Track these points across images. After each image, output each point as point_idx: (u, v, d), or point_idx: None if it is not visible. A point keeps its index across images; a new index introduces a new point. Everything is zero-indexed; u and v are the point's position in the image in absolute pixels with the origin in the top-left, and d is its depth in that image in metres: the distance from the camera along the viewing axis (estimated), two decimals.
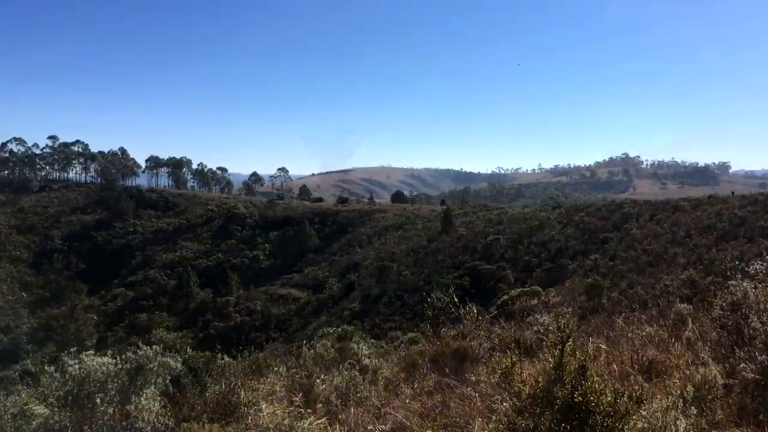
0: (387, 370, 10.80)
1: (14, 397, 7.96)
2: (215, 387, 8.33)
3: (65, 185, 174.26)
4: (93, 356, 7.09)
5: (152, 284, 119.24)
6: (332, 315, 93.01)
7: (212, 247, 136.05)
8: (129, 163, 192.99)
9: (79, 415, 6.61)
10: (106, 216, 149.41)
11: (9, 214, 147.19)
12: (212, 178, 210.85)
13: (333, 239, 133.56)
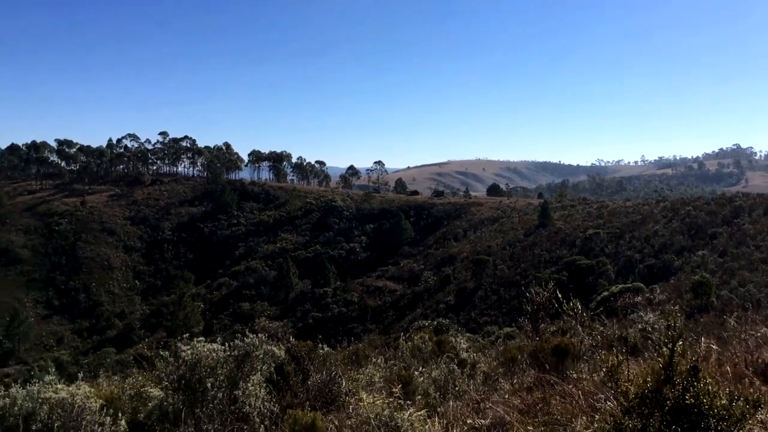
0: (485, 365, 10.75)
1: (131, 379, 8.46)
2: (317, 376, 8.54)
3: (174, 179, 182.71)
4: (204, 342, 7.43)
5: (254, 274, 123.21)
6: (427, 308, 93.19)
7: (311, 239, 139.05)
8: (233, 157, 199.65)
9: (191, 398, 6.95)
10: (212, 208, 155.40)
11: (124, 206, 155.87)
12: (311, 172, 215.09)
13: (428, 232, 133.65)
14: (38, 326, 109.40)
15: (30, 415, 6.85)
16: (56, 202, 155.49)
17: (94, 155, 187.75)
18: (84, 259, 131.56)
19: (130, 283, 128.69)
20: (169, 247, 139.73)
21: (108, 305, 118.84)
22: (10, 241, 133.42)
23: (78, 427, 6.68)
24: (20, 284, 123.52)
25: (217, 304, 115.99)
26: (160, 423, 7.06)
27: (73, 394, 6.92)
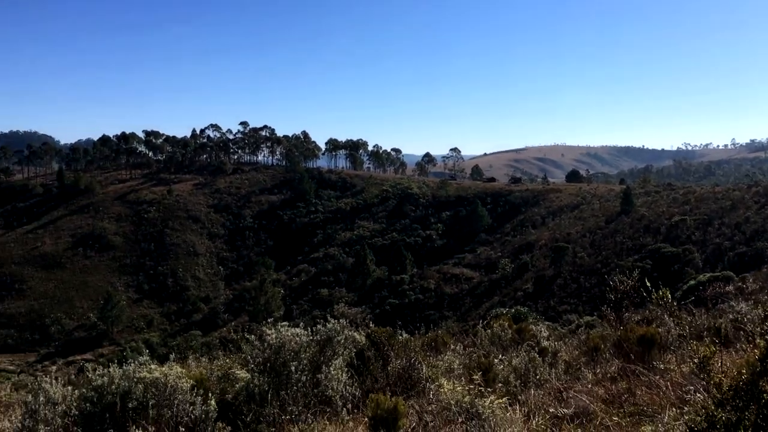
0: (566, 354, 10.59)
1: (219, 361, 8.77)
2: (397, 361, 8.62)
3: (255, 167, 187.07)
4: (287, 327, 7.62)
5: (332, 261, 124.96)
6: (505, 295, 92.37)
7: (387, 227, 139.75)
8: (310, 146, 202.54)
9: (276, 381, 7.16)
10: (291, 196, 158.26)
11: (207, 195, 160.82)
12: (387, 159, 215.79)
13: (505, 219, 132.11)
14: (130, 309, 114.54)
15: (126, 394, 7.20)
16: (145, 191, 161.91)
17: (179, 145, 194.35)
18: (171, 246, 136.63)
19: (214, 269, 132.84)
20: (250, 234, 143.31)
21: (194, 290, 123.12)
22: (104, 228, 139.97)
23: (171, 405, 6.98)
24: (113, 269, 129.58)
25: (296, 289, 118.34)
26: (247, 404, 7.29)
27: (165, 374, 7.23)
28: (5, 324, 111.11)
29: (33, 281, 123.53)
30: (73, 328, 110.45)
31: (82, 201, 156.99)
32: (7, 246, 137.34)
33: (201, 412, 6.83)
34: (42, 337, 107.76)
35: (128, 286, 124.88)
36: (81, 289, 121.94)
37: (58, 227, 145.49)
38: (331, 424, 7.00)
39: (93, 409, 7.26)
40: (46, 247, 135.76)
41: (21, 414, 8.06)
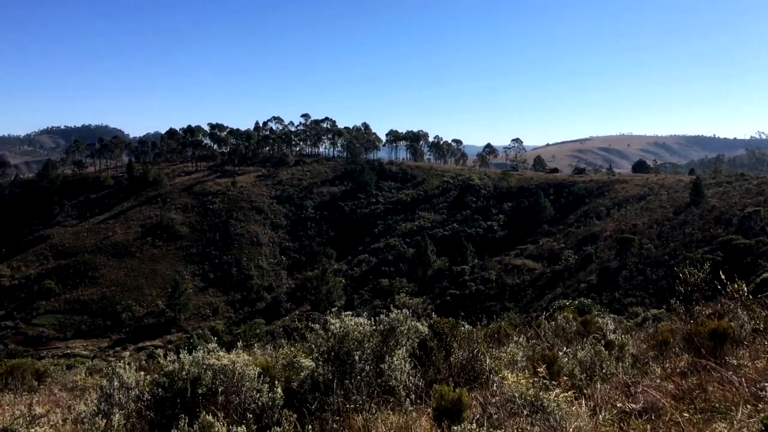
0: (633, 347, 10.37)
1: (283, 349, 8.93)
2: (460, 352, 8.61)
3: (316, 159, 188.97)
4: (351, 316, 7.70)
5: (393, 251, 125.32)
6: (567, 287, 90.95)
7: (448, 217, 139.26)
8: (371, 137, 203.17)
9: (340, 370, 7.25)
10: (352, 187, 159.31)
11: (270, 186, 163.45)
12: (447, 150, 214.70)
13: (569, 210, 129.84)
14: (196, 297, 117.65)
15: (196, 380, 7.41)
16: (210, 183, 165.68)
17: (243, 138, 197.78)
18: (235, 236, 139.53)
19: (277, 259, 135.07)
20: (312, 225, 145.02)
21: (257, 279, 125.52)
22: (171, 219, 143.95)
23: (239, 392, 7.15)
24: (180, 258, 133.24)
25: (357, 279, 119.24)
26: (312, 392, 7.40)
27: (233, 361, 7.40)
28: (79, 310, 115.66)
29: (105, 269, 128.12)
30: (143, 315, 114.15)
31: (151, 192, 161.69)
32: (81, 235, 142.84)
33: (268, 399, 6.98)
34: (114, 323, 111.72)
35: (194, 274, 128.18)
36: (150, 277, 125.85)
37: (128, 218, 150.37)
38: (394, 414, 7.04)
39: (165, 394, 7.50)
40: (117, 236, 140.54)
41: (97, 397, 8.37)
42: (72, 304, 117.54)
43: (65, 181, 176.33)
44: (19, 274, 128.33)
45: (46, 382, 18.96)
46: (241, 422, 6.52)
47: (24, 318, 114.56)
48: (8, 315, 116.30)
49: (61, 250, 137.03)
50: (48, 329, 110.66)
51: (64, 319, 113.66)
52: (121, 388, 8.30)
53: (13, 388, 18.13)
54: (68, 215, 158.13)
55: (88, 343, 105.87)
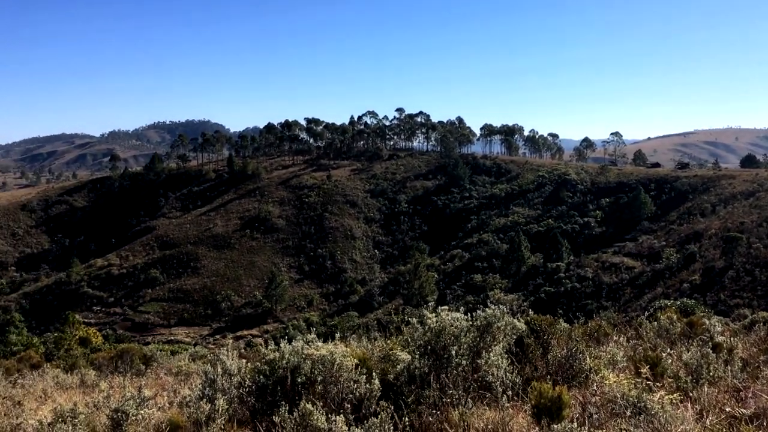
0: (743, 351, 9.88)
1: (379, 342, 9.05)
2: (558, 350, 8.46)
3: (410, 153, 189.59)
4: (447, 311, 7.71)
5: (486, 247, 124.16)
6: (669, 287, 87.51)
7: (543, 213, 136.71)
8: (465, 131, 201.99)
9: (436, 364, 7.27)
10: (445, 182, 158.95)
11: (364, 180, 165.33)
12: (543, 144, 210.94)
13: (670, 207, 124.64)
14: (291, 289, 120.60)
15: (296, 369, 7.62)
16: (306, 176, 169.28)
17: (338, 132, 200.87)
18: (330, 229, 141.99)
19: (370, 252, 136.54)
20: (405, 219, 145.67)
21: (351, 272, 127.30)
22: (268, 212, 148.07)
23: (336, 382, 7.30)
24: (276, 251, 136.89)
25: (449, 274, 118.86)
26: (408, 385, 7.46)
27: (331, 352, 7.56)
28: (182, 299, 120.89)
29: (206, 260, 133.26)
30: (241, 305, 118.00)
31: (249, 185, 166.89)
32: (184, 227, 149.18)
33: (365, 390, 7.09)
34: (214, 312, 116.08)
35: (290, 267, 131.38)
36: (248, 268, 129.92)
37: (228, 210, 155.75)
38: (490, 410, 7.00)
39: (266, 381, 7.76)
40: (218, 228, 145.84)
41: (201, 383, 8.73)
42: (175, 293, 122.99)
43: (170, 175, 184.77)
44: (127, 264, 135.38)
45: (153, 367, 19.94)
46: (339, 411, 6.66)
47: (131, 305, 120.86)
48: (117, 302, 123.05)
49: (166, 240, 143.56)
50: (153, 316, 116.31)
51: (167, 307, 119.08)
52: (223, 375, 8.65)
53: (122, 370, 19.19)
54: (172, 207, 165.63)
55: (189, 331, 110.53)
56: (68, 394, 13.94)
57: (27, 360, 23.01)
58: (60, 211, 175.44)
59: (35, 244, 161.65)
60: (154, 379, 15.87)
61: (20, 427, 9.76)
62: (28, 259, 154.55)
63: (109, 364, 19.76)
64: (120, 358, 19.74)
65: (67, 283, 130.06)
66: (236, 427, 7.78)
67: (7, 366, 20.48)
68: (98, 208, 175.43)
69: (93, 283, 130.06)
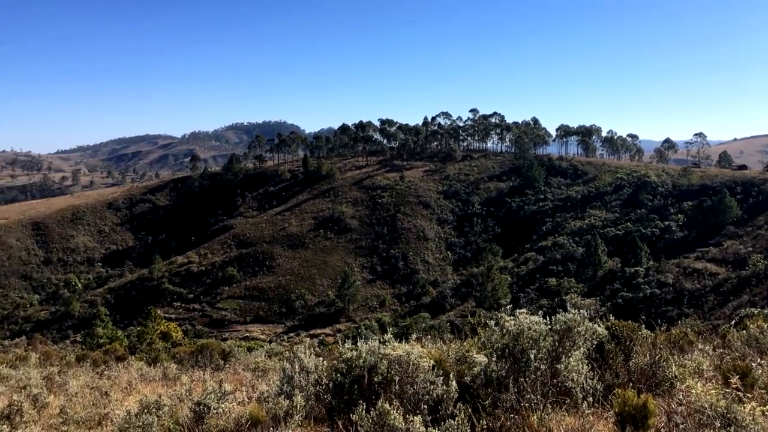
0: None
1: (455, 344, 9.00)
2: (640, 357, 8.23)
3: (483, 154, 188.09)
4: (526, 314, 7.60)
5: (561, 250, 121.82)
6: (756, 294, 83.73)
7: (621, 216, 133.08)
8: (540, 132, 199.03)
9: (514, 367, 7.19)
10: (519, 183, 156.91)
11: (437, 181, 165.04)
12: (622, 146, 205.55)
13: (758, 211, 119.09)
14: (364, 289, 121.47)
15: (372, 368, 7.67)
16: (379, 177, 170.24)
17: (411, 133, 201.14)
18: (402, 230, 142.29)
19: (442, 254, 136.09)
20: (478, 221, 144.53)
21: (423, 273, 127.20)
22: (342, 212, 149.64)
23: (413, 382, 7.32)
24: (350, 251, 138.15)
25: (523, 277, 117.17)
26: (484, 388, 7.40)
27: (408, 352, 7.58)
28: (257, 297, 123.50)
29: (281, 259, 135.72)
30: (315, 303, 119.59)
31: (324, 186, 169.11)
32: (260, 226, 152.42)
33: (442, 391, 7.07)
34: (288, 310, 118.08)
35: (363, 267, 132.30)
36: (321, 268, 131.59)
37: (303, 210, 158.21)
38: (569, 416, 6.87)
39: (343, 379, 7.84)
40: (292, 228, 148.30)
41: (279, 379, 8.90)
42: (251, 291, 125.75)
43: (247, 175, 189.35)
44: (206, 261, 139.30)
45: (231, 362, 20.45)
46: (415, 412, 6.66)
47: (209, 302, 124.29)
48: (196, 298, 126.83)
49: (243, 239, 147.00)
50: (229, 313, 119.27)
51: (243, 304, 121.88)
52: (301, 372, 8.79)
53: (202, 365, 19.76)
54: (249, 207, 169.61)
55: (264, 328, 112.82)
56: (152, 386, 14.44)
57: (113, 352, 24.01)
58: (143, 210, 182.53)
59: (120, 241, 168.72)
60: (232, 374, 16.26)
61: (108, 416, 10.20)
62: (113, 255, 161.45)
63: (190, 359, 20.39)
64: (200, 352, 20.34)
65: (149, 279, 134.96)
66: (313, 423, 7.90)
67: (94, 358, 21.43)
68: (179, 206, 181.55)
69: (173, 279, 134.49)
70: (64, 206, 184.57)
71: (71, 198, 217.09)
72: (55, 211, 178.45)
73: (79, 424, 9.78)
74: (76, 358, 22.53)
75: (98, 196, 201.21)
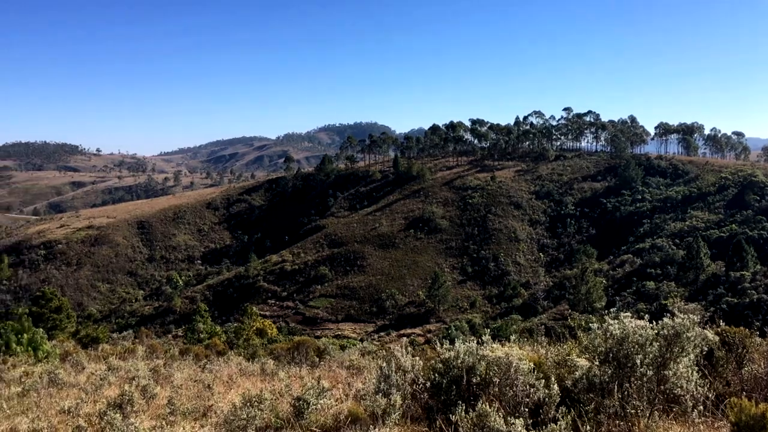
0: None
1: (555, 347, 8.82)
2: (754, 365, 7.82)
3: (577, 154, 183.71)
4: (631, 318, 7.35)
5: (660, 253, 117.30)
6: None
7: (725, 218, 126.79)
8: (638, 130, 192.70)
9: (618, 373, 6.96)
10: (615, 183, 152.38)
11: (529, 181, 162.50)
12: (726, 144, 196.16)
13: None
14: (454, 290, 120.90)
15: (470, 369, 7.62)
16: (470, 177, 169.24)
17: (503, 133, 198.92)
18: (493, 231, 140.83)
19: (534, 255, 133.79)
20: (571, 222, 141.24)
21: (514, 275, 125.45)
22: (432, 212, 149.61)
23: (512, 385, 7.21)
24: (440, 251, 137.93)
25: (619, 280, 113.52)
26: (586, 392, 7.20)
27: (507, 354, 7.48)
28: (349, 296, 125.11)
29: (371, 259, 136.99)
30: (405, 303, 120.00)
31: (414, 186, 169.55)
32: (351, 226, 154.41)
33: (544, 395, 6.94)
34: (378, 310, 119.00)
35: (453, 267, 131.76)
36: (411, 268, 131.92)
37: (393, 210, 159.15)
38: (678, 425, 6.63)
39: (440, 379, 7.82)
40: (383, 228, 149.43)
41: (376, 377, 8.97)
42: (342, 290, 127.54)
43: (339, 175, 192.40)
44: (299, 260, 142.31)
45: (326, 359, 20.79)
46: (515, 415, 6.57)
47: (302, 300, 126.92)
48: (289, 296, 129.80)
49: (334, 239, 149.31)
50: (322, 311, 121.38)
51: (335, 303, 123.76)
52: (398, 371, 8.83)
53: (298, 361, 20.17)
54: (341, 207, 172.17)
55: (355, 327, 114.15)
56: (251, 380, 14.86)
57: (213, 347, 24.90)
58: (240, 209, 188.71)
59: (218, 240, 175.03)
60: (327, 371, 16.50)
61: (212, 408, 10.57)
62: (211, 253, 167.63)
63: (286, 355, 20.87)
64: (296, 349, 20.79)
65: (245, 277, 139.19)
66: (410, 423, 7.93)
67: (196, 352, 22.27)
68: (273, 206, 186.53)
69: (268, 277, 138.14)
70: (167, 206, 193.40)
71: (173, 198, 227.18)
72: (158, 211, 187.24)
73: (185, 415, 10.17)
74: (179, 351, 23.49)
75: (198, 197, 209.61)
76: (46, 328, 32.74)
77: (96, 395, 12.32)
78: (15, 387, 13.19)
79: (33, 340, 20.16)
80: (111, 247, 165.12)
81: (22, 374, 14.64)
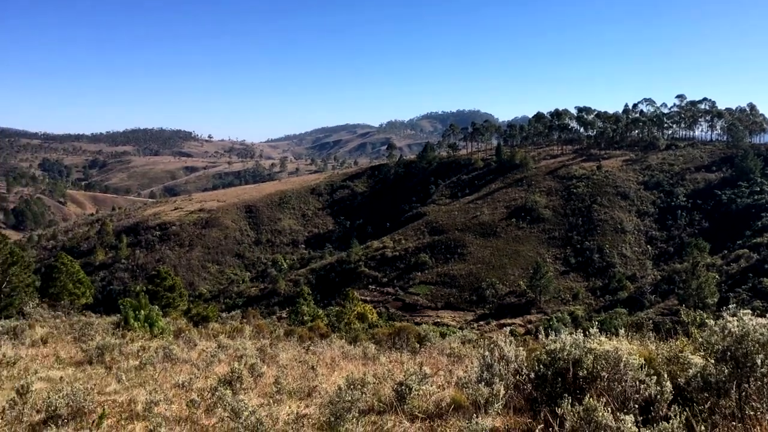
0: None
1: (671, 343, 8.50)
2: None
3: (690, 143, 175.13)
4: (752, 315, 7.00)
5: None
6: None
7: None
8: (757, 119, 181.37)
9: (737, 372, 6.64)
10: (731, 174, 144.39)
11: (637, 171, 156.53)
12: None
13: None
14: (556, 281, 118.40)
15: (577, 362, 7.47)
16: (574, 166, 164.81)
17: (610, 121, 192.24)
18: (598, 222, 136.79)
19: (641, 248, 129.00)
20: (682, 214, 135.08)
21: (620, 267, 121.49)
22: (535, 202, 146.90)
23: (621, 380, 7.03)
24: (542, 241, 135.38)
25: (733, 276, 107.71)
26: (700, 392, 6.92)
27: (616, 348, 7.29)
28: (448, 284, 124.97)
29: (472, 247, 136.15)
30: (505, 293, 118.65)
31: (516, 175, 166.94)
32: (452, 214, 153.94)
33: (655, 392, 6.73)
34: (478, 298, 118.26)
35: (555, 258, 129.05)
36: (513, 257, 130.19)
37: (495, 199, 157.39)
38: None
39: (545, 371, 7.72)
40: (484, 216, 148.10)
41: (478, 366, 8.96)
42: (442, 277, 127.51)
43: (440, 163, 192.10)
44: (400, 247, 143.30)
45: (426, 346, 20.92)
46: (623, 411, 6.40)
47: (402, 286, 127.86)
48: (389, 282, 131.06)
49: (435, 226, 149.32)
50: (421, 298, 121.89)
51: (435, 290, 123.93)
52: (500, 360, 8.79)
53: (399, 347, 20.41)
54: (442, 194, 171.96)
55: (455, 315, 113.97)
56: (353, 364, 15.17)
57: (316, 329, 25.56)
58: (343, 196, 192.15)
59: (321, 225, 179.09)
60: (428, 357, 16.61)
61: (316, 389, 10.89)
62: (315, 238, 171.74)
63: (387, 340, 21.15)
64: (397, 335, 21.04)
65: (347, 262, 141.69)
66: (512, 413, 7.87)
67: (300, 333, 22.96)
68: (375, 193, 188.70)
69: (369, 263, 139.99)
70: (273, 191, 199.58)
71: (279, 183, 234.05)
72: (264, 196, 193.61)
73: (291, 394, 10.52)
74: (284, 332, 24.28)
75: (302, 182, 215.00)
76: (161, 305, 34.53)
77: (207, 371, 12.95)
78: (133, 360, 14.04)
79: (149, 316, 21.35)
80: (220, 230, 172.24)
81: (139, 348, 15.54)
